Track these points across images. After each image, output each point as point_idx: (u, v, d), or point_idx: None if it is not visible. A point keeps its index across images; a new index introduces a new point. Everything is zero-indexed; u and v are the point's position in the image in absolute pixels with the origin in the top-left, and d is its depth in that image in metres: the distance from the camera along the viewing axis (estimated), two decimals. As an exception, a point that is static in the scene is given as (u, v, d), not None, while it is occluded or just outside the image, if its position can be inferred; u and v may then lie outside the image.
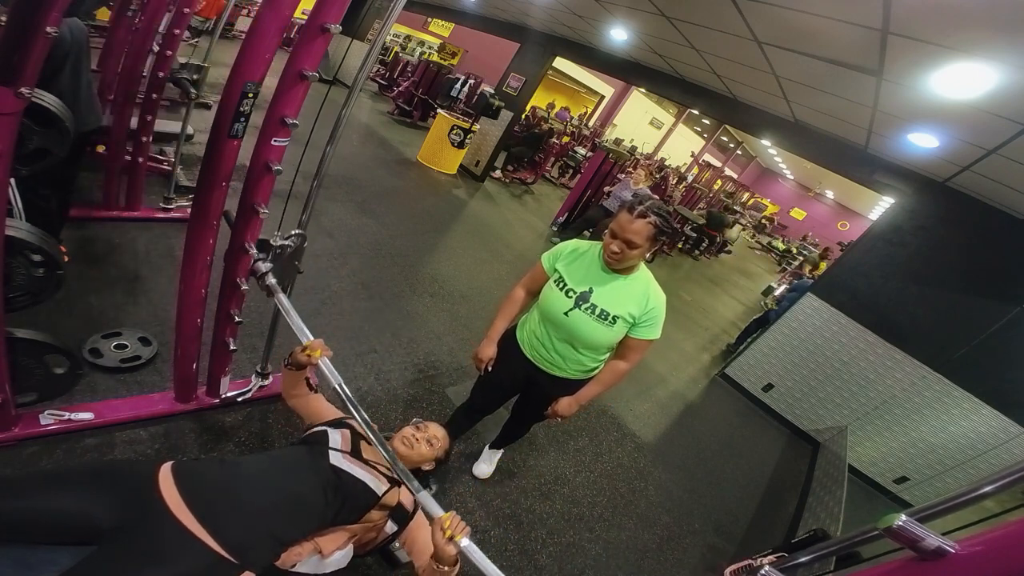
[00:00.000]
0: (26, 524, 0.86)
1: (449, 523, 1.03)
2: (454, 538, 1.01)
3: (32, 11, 0.89)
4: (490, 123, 7.13)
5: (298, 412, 1.56)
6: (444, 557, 1.03)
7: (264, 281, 1.46)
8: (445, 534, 1.01)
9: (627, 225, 1.35)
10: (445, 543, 1.01)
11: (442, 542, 1.01)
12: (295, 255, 1.54)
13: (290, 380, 1.52)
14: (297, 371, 1.48)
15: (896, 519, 0.89)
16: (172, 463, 1.05)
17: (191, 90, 2.77)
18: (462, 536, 1.02)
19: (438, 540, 1.02)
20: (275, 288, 1.46)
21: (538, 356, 1.63)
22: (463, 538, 1.02)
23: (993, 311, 3.27)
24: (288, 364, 1.48)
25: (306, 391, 1.55)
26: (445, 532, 1.02)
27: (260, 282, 1.48)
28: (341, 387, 1.26)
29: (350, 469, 1.22)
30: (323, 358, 1.33)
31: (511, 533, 1.98)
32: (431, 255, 4.15)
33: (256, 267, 1.46)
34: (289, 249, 1.50)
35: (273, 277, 1.47)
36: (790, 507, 3.14)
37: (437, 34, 17.08)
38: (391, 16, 1.32)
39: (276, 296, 1.46)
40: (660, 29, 3.96)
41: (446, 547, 1.01)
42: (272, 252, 1.47)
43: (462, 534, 1.02)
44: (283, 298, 1.46)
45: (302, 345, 1.38)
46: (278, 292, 1.46)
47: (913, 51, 2.08)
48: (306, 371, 1.51)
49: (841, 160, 4.20)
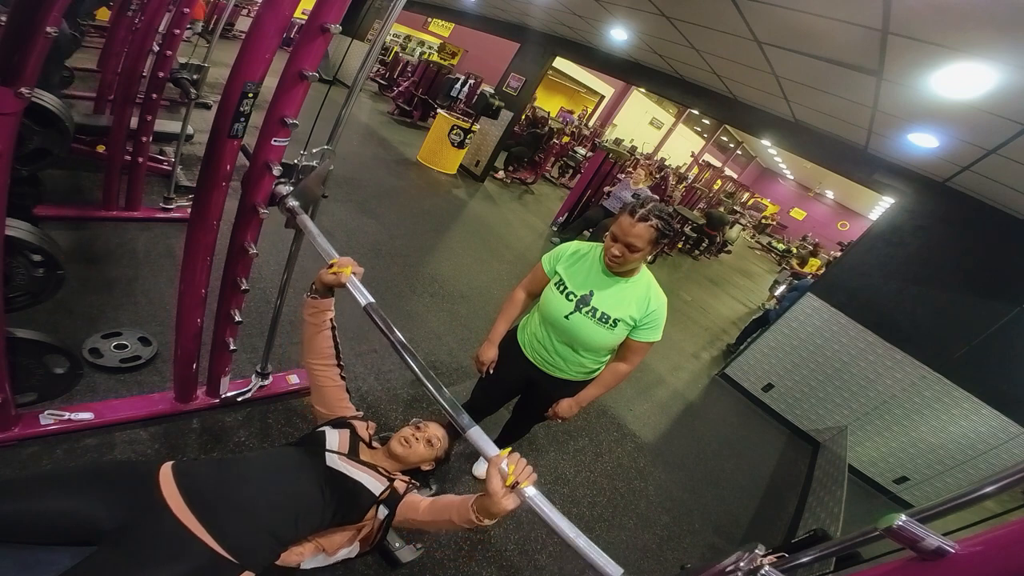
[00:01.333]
0: (26, 525, 0.86)
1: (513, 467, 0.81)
2: (518, 485, 0.81)
3: (32, 11, 0.89)
4: (490, 123, 7.13)
5: (312, 381, 1.41)
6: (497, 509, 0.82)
7: (285, 204, 1.35)
8: (507, 480, 0.81)
9: (629, 229, 1.35)
10: (505, 492, 0.81)
11: (500, 491, 0.81)
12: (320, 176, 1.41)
13: (313, 317, 1.32)
14: (323, 299, 1.30)
15: (896, 519, 0.89)
16: (172, 463, 1.05)
17: (191, 90, 2.77)
18: (527, 483, 0.82)
19: (496, 487, 0.81)
20: (297, 209, 1.34)
21: (539, 358, 1.63)
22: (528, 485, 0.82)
23: (993, 311, 3.27)
24: (313, 292, 1.30)
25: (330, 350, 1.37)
26: (507, 478, 0.81)
27: (280, 206, 1.36)
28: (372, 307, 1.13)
29: (346, 471, 1.22)
30: (352, 277, 1.18)
31: (511, 533, 1.98)
32: (431, 255, 4.15)
33: (277, 190, 1.35)
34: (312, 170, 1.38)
35: (295, 199, 1.36)
36: (790, 507, 3.14)
37: (437, 34, 17.09)
38: (391, 16, 1.32)
39: (298, 218, 1.33)
40: (660, 29, 3.96)
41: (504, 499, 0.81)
42: (295, 173, 1.36)
43: (527, 481, 0.82)
44: (306, 219, 1.32)
45: (328, 263, 1.21)
46: (300, 213, 1.33)
47: (913, 51, 2.08)
48: (331, 303, 1.33)
49: (841, 160, 4.20)
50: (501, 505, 0.82)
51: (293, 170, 1.38)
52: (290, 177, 1.39)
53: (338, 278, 1.20)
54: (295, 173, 1.38)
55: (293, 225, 1.41)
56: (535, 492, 0.81)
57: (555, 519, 0.80)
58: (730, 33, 3.15)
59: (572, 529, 0.81)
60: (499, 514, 0.85)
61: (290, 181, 1.39)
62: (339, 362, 1.41)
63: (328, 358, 1.38)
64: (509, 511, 0.83)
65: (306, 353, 1.38)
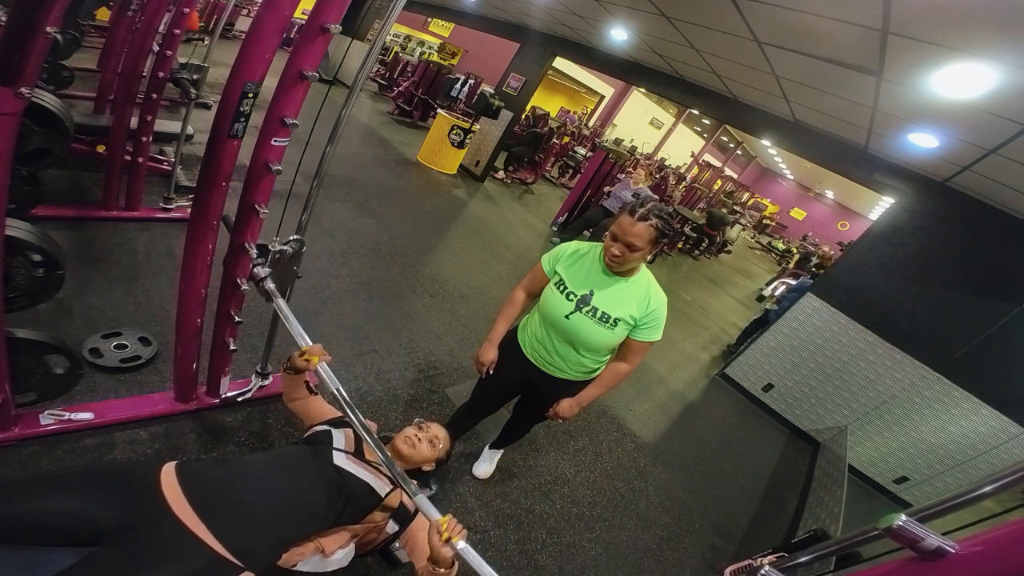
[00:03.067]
0: (27, 525, 0.86)
1: (446, 526, 1.03)
2: (451, 540, 1.01)
3: (32, 11, 0.89)
4: (490, 123, 7.13)
5: (299, 415, 1.55)
6: (440, 559, 1.03)
7: (263, 286, 1.46)
8: (442, 536, 1.01)
9: (628, 228, 1.35)
10: (442, 545, 1.01)
11: (439, 544, 1.01)
12: (293, 260, 1.54)
13: (290, 384, 1.51)
14: (296, 375, 1.47)
15: (896, 519, 0.89)
16: (175, 463, 1.05)
17: (191, 90, 2.77)
18: (459, 539, 1.02)
19: (434, 542, 1.02)
20: (274, 293, 1.46)
21: (539, 358, 1.63)
22: (460, 540, 1.02)
23: (993, 311, 3.27)
24: (287, 369, 1.46)
25: (306, 394, 1.54)
26: (442, 535, 1.01)
27: (259, 287, 1.48)
28: (339, 392, 1.26)
29: (353, 470, 1.22)
30: (321, 363, 1.33)
31: (511, 533, 1.98)
32: (431, 255, 4.15)
33: (255, 272, 1.46)
34: (288, 254, 1.50)
35: (272, 282, 1.47)
36: (790, 507, 3.14)
37: (437, 34, 17.09)
38: (391, 16, 1.32)
39: (275, 301, 1.46)
40: (660, 29, 3.96)
41: (442, 549, 1.01)
42: (270, 256, 1.47)
43: (459, 536, 1.02)
44: (282, 303, 1.46)
45: (300, 350, 1.37)
46: (277, 297, 1.46)
47: (913, 51, 2.08)
48: (305, 375, 1.49)
49: (841, 160, 4.20)
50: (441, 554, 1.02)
51: (267, 252, 1.47)
52: (265, 259, 1.47)
53: (308, 365, 1.35)
54: (269, 256, 1.47)
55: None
56: (464, 545, 1.03)
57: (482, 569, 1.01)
58: (730, 33, 3.15)
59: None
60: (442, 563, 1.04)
61: (266, 263, 1.47)
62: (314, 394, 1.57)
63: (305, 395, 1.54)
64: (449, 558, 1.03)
65: (287, 399, 1.55)
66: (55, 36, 0.93)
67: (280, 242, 1.47)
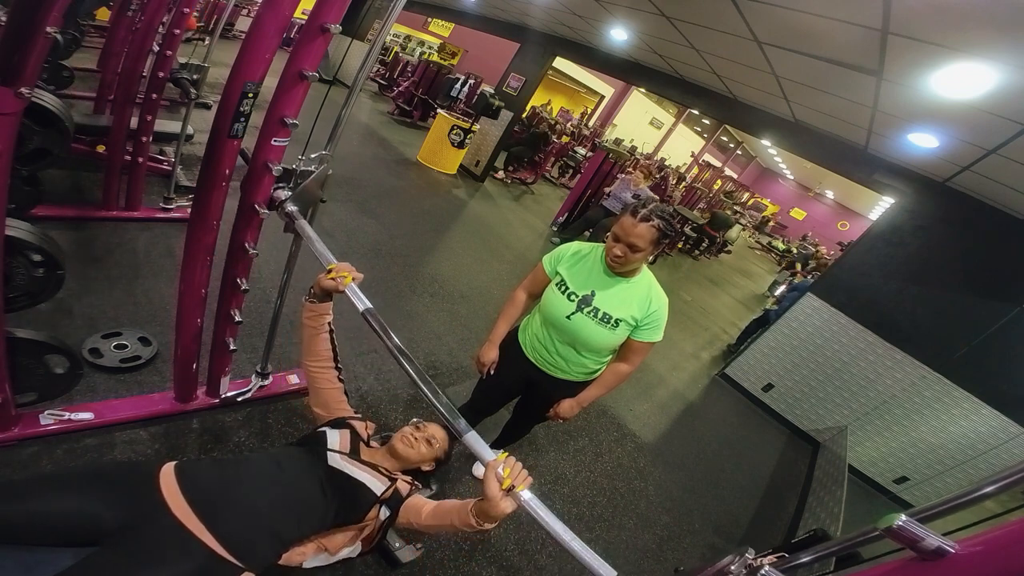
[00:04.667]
0: (27, 525, 0.86)
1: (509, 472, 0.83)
2: (514, 489, 0.83)
3: (32, 11, 0.89)
4: (490, 123, 7.13)
5: (310, 382, 1.42)
6: (496, 512, 0.84)
7: (283, 208, 1.35)
8: (503, 483, 0.83)
9: (631, 229, 1.35)
10: (502, 496, 0.83)
11: (498, 494, 0.83)
12: (318, 181, 1.42)
13: (312, 320, 1.33)
14: (321, 303, 1.31)
15: (896, 519, 0.89)
16: (174, 463, 1.04)
17: (191, 90, 2.77)
18: (523, 487, 0.84)
19: (493, 492, 0.83)
20: (295, 214, 1.34)
21: (540, 358, 1.63)
22: (524, 489, 0.83)
23: (993, 311, 3.27)
24: (311, 298, 1.30)
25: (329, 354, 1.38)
26: (503, 481, 0.83)
27: (279, 211, 1.37)
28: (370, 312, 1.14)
29: (348, 470, 1.22)
30: (352, 284, 1.20)
31: (511, 533, 1.98)
32: (431, 255, 4.15)
33: (276, 194, 1.35)
34: (310, 175, 1.39)
35: (293, 204, 1.36)
36: (790, 507, 3.14)
37: (437, 34, 17.08)
38: (391, 16, 1.32)
39: (296, 223, 1.34)
40: (660, 29, 3.96)
41: (501, 502, 0.83)
42: (294, 178, 1.36)
43: (523, 484, 0.84)
44: (304, 224, 1.33)
45: (327, 268, 1.22)
46: (298, 218, 1.34)
47: (913, 51, 2.08)
48: (330, 307, 1.33)
49: (841, 160, 4.20)
50: (499, 508, 0.83)
51: (291, 175, 1.39)
52: (288, 182, 1.39)
53: (336, 284, 1.21)
54: (293, 177, 1.39)
55: (291, 229, 1.41)
56: (531, 495, 0.83)
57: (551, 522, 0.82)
58: (730, 33, 3.15)
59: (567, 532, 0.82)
60: (498, 517, 0.86)
61: (288, 186, 1.39)
62: (337, 365, 1.41)
63: (326, 360, 1.39)
64: (507, 514, 0.85)
65: (304, 355, 1.39)
66: (55, 36, 0.93)
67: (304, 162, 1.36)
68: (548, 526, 0.82)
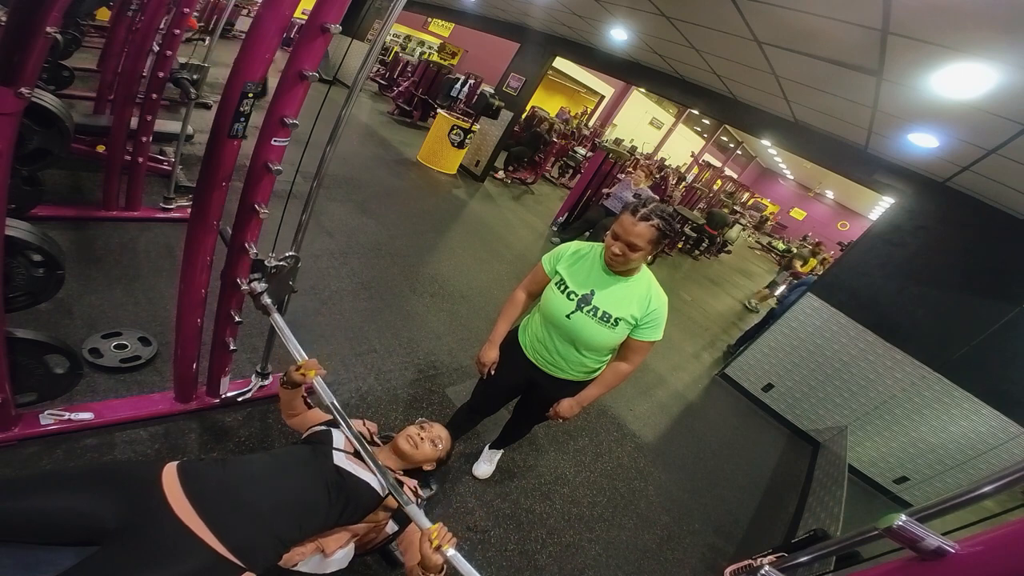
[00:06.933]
0: (27, 524, 0.86)
1: (436, 534, 1.06)
2: (441, 547, 1.05)
3: (32, 11, 0.89)
4: (490, 123, 7.13)
5: (297, 429, 1.55)
6: (429, 565, 1.06)
7: (260, 300, 1.50)
8: (432, 544, 1.05)
9: (630, 228, 1.35)
10: (432, 552, 1.04)
11: (429, 551, 1.05)
12: (289, 275, 1.57)
13: (287, 399, 1.52)
14: (292, 389, 1.49)
15: (896, 519, 0.89)
16: (176, 463, 1.05)
17: (191, 90, 2.77)
18: (448, 546, 1.05)
19: (425, 549, 1.05)
20: (270, 308, 1.50)
21: (540, 358, 1.63)
22: (449, 548, 1.05)
23: (993, 311, 3.27)
24: (284, 384, 1.48)
25: (304, 408, 1.56)
26: (432, 542, 1.05)
27: (256, 302, 1.51)
28: (334, 405, 1.31)
29: (353, 469, 1.22)
30: (317, 377, 1.37)
31: (511, 533, 1.98)
32: (431, 255, 4.15)
33: (252, 287, 1.50)
34: (284, 269, 1.53)
35: (268, 297, 1.51)
36: (790, 507, 3.14)
37: (437, 34, 17.08)
38: (391, 16, 1.32)
39: (271, 316, 1.50)
40: (660, 29, 3.96)
41: (432, 555, 1.04)
42: (267, 272, 1.50)
43: (449, 544, 1.06)
44: (278, 317, 1.50)
45: (296, 364, 1.40)
46: (273, 312, 1.51)
47: (913, 51, 2.08)
48: (302, 389, 1.52)
49: (841, 160, 4.20)
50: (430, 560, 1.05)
51: (264, 268, 1.49)
52: (261, 275, 1.50)
53: (304, 379, 1.38)
54: (265, 272, 1.49)
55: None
56: (454, 553, 1.06)
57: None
58: (730, 33, 3.15)
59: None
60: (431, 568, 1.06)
61: (263, 278, 1.50)
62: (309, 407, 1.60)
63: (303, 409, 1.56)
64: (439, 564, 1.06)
65: (284, 415, 1.57)
66: (55, 36, 0.93)
67: (276, 258, 1.51)
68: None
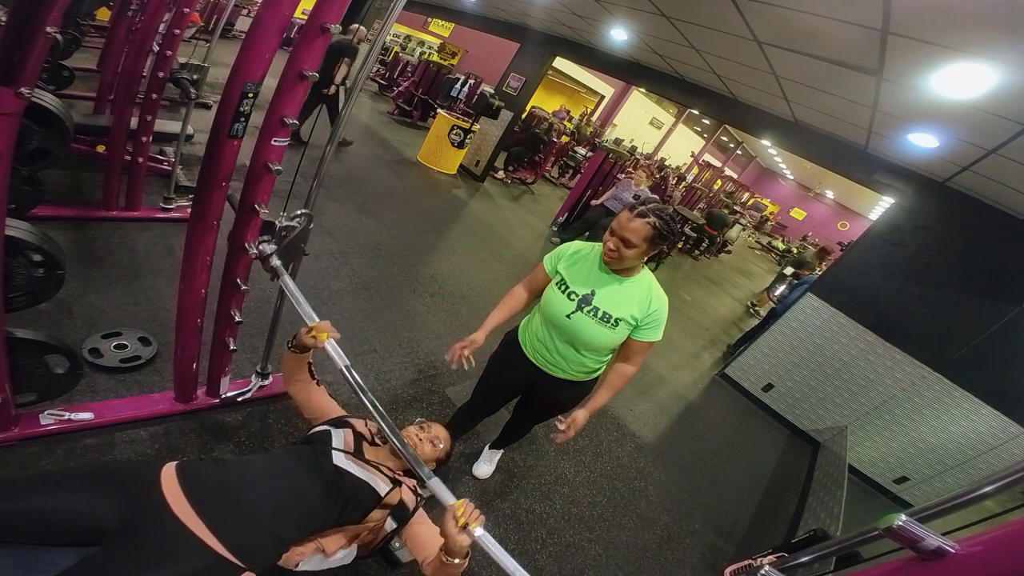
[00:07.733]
0: (28, 525, 0.86)
1: (462, 511, 0.96)
2: (468, 527, 0.94)
3: (32, 11, 0.89)
4: (490, 123, 7.13)
5: (297, 401, 1.49)
6: (456, 548, 0.95)
7: (269, 263, 1.41)
8: (458, 522, 0.94)
9: (625, 223, 1.36)
10: (458, 532, 0.94)
11: (454, 531, 0.94)
12: (300, 236, 1.48)
13: (293, 363, 1.44)
14: (301, 353, 1.41)
15: (896, 519, 0.89)
16: (175, 463, 1.04)
17: (191, 90, 2.77)
18: (476, 525, 0.95)
19: (450, 529, 0.95)
20: (280, 270, 1.40)
21: (540, 358, 1.63)
22: (477, 527, 0.95)
23: (993, 311, 3.27)
24: (292, 346, 1.40)
25: (307, 376, 1.48)
26: (458, 520, 0.95)
27: (264, 264, 1.42)
28: (348, 370, 1.21)
29: (353, 469, 1.22)
30: (330, 340, 1.27)
31: (511, 533, 1.98)
32: (431, 255, 4.15)
33: (261, 249, 1.41)
34: (294, 230, 1.44)
35: (278, 259, 1.41)
36: (790, 507, 3.14)
37: (437, 34, 17.07)
38: (391, 16, 1.32)
39: (281, 278, 1.40)
40: (660, 29, 3.96)
41: (458, 537, 0.94)
42: (277, 234, 1.41)
43: (476, 523, 0.96)
44: (288, 280, 1.40)
45: (307, 326, 1.32)
46: (283, 274, 1.41)
47: (913, 51, 2.08)
48: (309, 355, 1.44)
49: (841, 160, 4.20)
50: (456, 542, 0.95)
51: (274, 228, 1.44)
52: (272, 235, 1.44)
53: (315, 342, 1.29)
54: (276, 232, 1.44)
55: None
56: (482, 532, 0.96)
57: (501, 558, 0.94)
58: (730, 33, 3.15)
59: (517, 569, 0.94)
60: (457, 552, 0.97)
61: (273, 239, 1.44)
62: (316, 382, 1.51)
63: (308, 378, 1.49)
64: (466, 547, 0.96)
65: (287, 382, 1.49)
66: (55, 36, 0.93)
67: (287, 217, 1.42)
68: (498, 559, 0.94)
